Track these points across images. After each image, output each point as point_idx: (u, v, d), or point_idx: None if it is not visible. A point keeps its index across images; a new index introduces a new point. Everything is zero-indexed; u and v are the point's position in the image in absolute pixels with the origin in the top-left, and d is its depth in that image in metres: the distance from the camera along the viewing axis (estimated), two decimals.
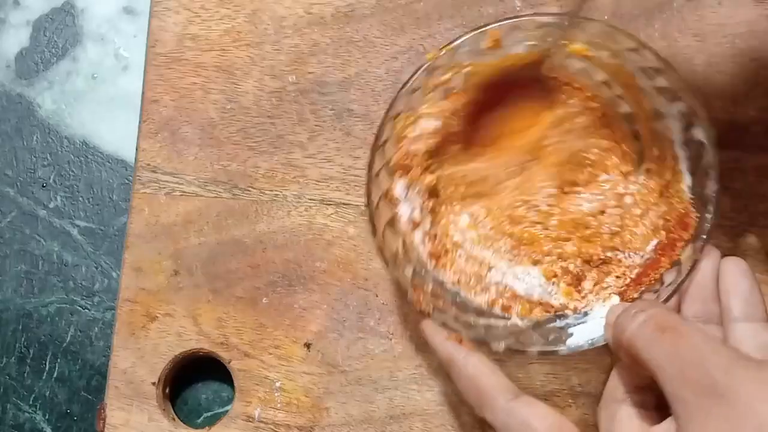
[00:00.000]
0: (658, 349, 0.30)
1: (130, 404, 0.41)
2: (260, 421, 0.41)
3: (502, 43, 0.36)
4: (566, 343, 0.35)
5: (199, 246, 0.42)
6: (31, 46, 0.48)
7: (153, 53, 0.43)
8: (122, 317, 0.42)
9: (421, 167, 0.38)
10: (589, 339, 0.35)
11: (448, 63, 0.37)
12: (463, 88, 0.37)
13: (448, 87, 0.37)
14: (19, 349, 0.46)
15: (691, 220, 0.36)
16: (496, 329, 0.37)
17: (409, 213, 0.38)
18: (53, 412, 0.45)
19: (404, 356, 0.40)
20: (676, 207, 0.36)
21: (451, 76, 0.37)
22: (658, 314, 0.31)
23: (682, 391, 0.28)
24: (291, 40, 0.43)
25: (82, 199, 0.47)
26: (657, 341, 0.30)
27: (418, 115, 0.37)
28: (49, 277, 0.46)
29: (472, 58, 0.37)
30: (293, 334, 0.41)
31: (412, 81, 0.36)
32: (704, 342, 0.29)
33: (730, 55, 0.40)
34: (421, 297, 0.36)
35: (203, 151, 0.43)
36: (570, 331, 0.36)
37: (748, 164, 0.39)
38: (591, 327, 0.36)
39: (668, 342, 0.29)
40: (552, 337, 0.36)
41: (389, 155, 0.37)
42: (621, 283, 0.37)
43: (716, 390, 0.27)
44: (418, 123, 0.37)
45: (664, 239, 0.37)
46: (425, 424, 0.40)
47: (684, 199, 0.36)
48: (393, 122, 0.37)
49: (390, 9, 0.42)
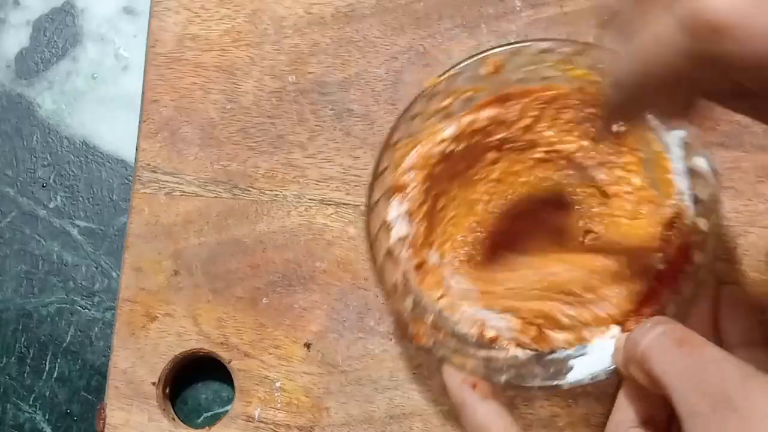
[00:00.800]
0: (673, 362, 0.29)
1: (130, 404, 0.41)
2: (260, 421, 0.41)
3: (502, 70, 0.36)
4: (566, 377, 0.35)
5: (199, 246, 0.42)
6: (31, 46, 0.48)
7: (153, 53, 0.43)
8: (122, 317, 0.42)
9: (419, 187, 0.38)
10: (590, 372, 0.35)
11: (447, 89, 0.37)
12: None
13: (448, 112, 0.37)
14: (19, 349, 0.46)
15: (691, 252, 0.35)
16: (497, 361, 0.36)
17: (403, 233, 0.37)
18: (53, 412, 0.45)
19: (404, 356, 0.40)
20: (678, 238, 0.36)
21: (451, 101, 0.37)
22: (676, 329, 0.31)
23: (696, 406, 0.28)
24: (291, 40, 0.43)
25: (82, 199, 0.47)
26: (673, 354, 0.30)
27: (417, 141, 0.37)
28: (49, 277, 0.46)
29: (471, 83, 0.37)
30: (293, 334, 0.41)
31: (412, 108, 0.36)
32: (721, 357, 0.29)
33: None
34: (421, 330, 0.36)
35: (203, 151, 0.43)
36: (570, 364, 0.36)
37: (748, 164, 0.39)
38: (591, 359, 0.35)
39: (685, 355, 0.29)
40: (553, 369, 0.35)
41: (388, 183, 0.37)
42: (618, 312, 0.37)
43: (731, 404, 0.27)
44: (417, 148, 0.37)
45: (665, 269, 0.36)
46: (425, 424, 0.40)
47: (685, 230, 0.36)
48: (392, 149, 0.37)
49: (390, 9, 0.42)
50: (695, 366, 0.29)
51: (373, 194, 0.36)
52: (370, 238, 0.36)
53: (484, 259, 0.39)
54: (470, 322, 0.37)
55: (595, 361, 0.35)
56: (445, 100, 0.37)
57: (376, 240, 0.36)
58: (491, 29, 0.41)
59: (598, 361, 0.35)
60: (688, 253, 0.35)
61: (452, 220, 0.39)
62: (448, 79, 0.36)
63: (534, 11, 0.41)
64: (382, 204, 0.37)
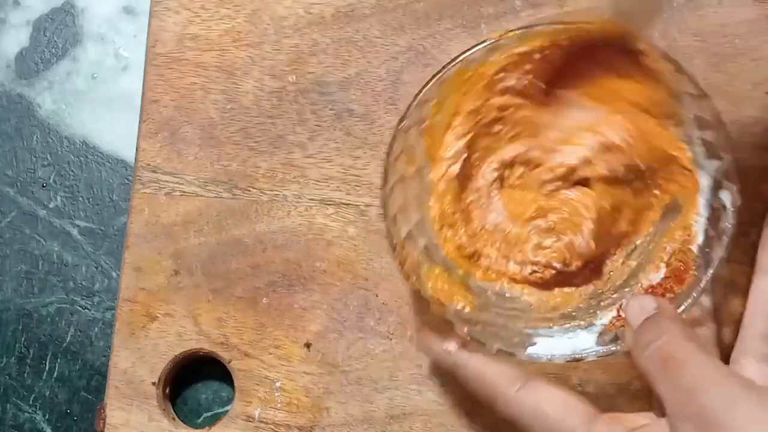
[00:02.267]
0: (663, 381, 0.30)
1: (130, 404, 0.41)
2: (260, 421, 0.41)
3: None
4: (526, 350, 0.35)
5: (199, 246, 0.42)
6: (31, 46, 0.48)
7: (153, 53, 0.43)
8: (122, 317, 0.42)
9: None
10: (549, 353, 0.35)
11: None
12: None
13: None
14: (19, 349, 0.46)
15: (688, 277, 0.35)
16: (469, 314, 0.36)
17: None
18: (53, 412, 0.45)
19: (404, 356, 0.40)
20: (678, 261, 0.36)
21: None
22: (664, 345, 0.30)
23: (682, 424, 0.28)
24: (291, 40, 0.43)
25: (82, 199, 0.47)
26: (661, 372, 0.30)
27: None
28: (49, 277, 0.46)
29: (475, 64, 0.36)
30: (293, 334, 0.41)
31: (423, 93, 0.36)
32: (706, 373, 0.29)
33: (730, 55, 0.40)
34: (407, 260, 0.36)
35: (203, 151, 0.43)
36: (534, 340, 0.36)
37: (748, 164, 0.39)
38: (554, 343, 0.36)
39: (671, 373, 0.29)
40: (516, 339, 0.36)
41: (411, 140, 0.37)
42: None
43: (717, 424, 0.27)
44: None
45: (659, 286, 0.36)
46: (425, 424, 0.40)
47: (689, 256, 0.35)
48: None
49: (390, 9, 0.42)
50: (680, 384, 0.29)
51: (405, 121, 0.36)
52: (389, 160, 0.36)
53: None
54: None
55: (557, 345, 0.35)
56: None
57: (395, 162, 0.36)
58: (491, 29, 0.41)
59: (560, 346, 0.35)
60: (683, 276, 0.35)
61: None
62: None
63: (534, 11, 0.41)
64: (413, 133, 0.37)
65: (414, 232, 0.37)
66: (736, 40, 0.40)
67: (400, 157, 0.36)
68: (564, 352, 0.35)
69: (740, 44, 0.39)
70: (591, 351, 0.35)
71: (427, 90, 0.36)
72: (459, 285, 0.37)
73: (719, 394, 0.28)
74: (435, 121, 0.37)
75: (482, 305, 0.37)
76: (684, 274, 0.35)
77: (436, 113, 0.37)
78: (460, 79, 0.36)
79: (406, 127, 0.36)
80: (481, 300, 0.37)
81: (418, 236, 0.37)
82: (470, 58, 0.36)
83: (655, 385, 0.30)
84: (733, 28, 0.40)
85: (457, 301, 0.36)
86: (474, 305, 0.37)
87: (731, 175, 0.34)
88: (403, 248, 0.36)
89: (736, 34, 0.40)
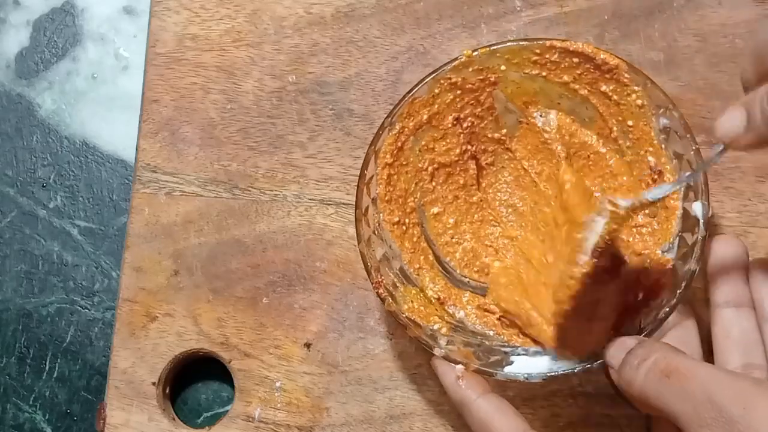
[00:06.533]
0: (668, 395, 0.29)
1: (130, 404, 0.41)
2: (260, 421, 0.41)
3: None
4: (504, 369, 0.35)
5: (199, 246, 0.42)
6: (31, 46, 0.48)
7: (153, 53, 0.43)
8: (122, 317, 0.42)
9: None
10: (526, 372, 0.35)
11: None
12: None
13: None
14: (19, 349, 0.46)
15: (662, 288, 0.35)
16: (443, 333, 0.37)
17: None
18: (53, 412, 0.45)
19: (404, 356, 0.40)
20: (654, 271, 0.36)
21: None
22: (659, 360, 0.30)
23: (704, 431, 0.28)
24: (291, 40, 0.43)
25: (82, 199, 0.47)
26: (665, 387, 0.30)
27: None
28: (49, 277, 0.46)
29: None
30: (293, 334, 0.41)
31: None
32: (713, 376, 0.29)
33: (730, 55, 0.40)
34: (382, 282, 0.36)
35: (203, 151, 0.43)
36: (512, 359, 0.36)
37: (748, 164, 0.39)
38: (530, 362, 0.36)
39: (676, 384, 0.29)
40: (493, 358, 0.36)
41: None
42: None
43: (735, 426, 0.27)
44: None
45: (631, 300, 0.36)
46: (425, 424, 0.40)
47: (664, 265, 0.36)
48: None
49: (390, 9, 0.42)
50: (689, 394, 0.29)
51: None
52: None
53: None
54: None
55: (532, 363, 0.36)
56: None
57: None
58: (491, 29, 0.41)
59: (536, 365, 0.36)
60: (657, 290, 0.35)
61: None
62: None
63: (534, 11, 0.41)
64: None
65: (389, 254, 0.37)
66: (736, 40, 0.40)
67: (372, 180, 0.37)
68: (540, 371, 0.35)
69: (740, 44, 0.39)
70: (568, 368, 0.35)
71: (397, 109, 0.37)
72: (435, 306, 0.38)
73: (734, 393, 0.28)
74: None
75: (458, 325, 0.38)
76: (655, 285, 0.35)
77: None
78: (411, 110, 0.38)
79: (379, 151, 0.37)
80: (456, 319, 0.38)
81: (392, 258, 0.38)
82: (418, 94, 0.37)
83: (660, 401, 0.30)
84: (733, 28, 0.40)
85: (433, 322, 0.37)
86: (450, 326, 0.37)
87: (702, 186, 0.34)
88: (378, 270, 0.36)
89: (736, 34, 0.40)
